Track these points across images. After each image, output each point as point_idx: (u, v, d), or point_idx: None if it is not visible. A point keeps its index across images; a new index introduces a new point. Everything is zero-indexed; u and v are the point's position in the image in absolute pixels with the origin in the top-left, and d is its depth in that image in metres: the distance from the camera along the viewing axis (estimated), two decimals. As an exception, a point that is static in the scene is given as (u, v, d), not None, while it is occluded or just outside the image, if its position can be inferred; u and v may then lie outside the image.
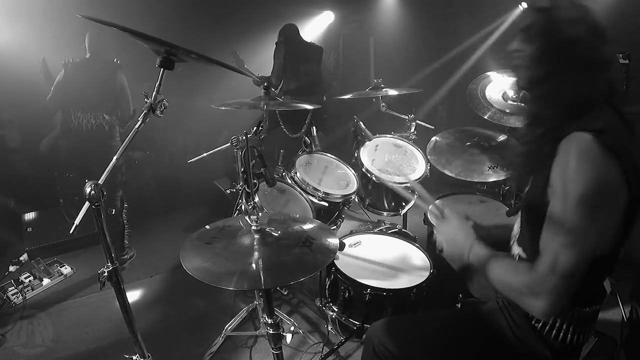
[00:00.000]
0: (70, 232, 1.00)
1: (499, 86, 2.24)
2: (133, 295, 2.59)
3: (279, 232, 1.28)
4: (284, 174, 2.26)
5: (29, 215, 3.21)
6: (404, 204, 2.43)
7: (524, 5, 4.08)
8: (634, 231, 0.99)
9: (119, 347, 2.08)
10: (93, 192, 0.96)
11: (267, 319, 1.21)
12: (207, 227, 1.37)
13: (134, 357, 1.20)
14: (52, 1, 3.18)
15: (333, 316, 1.78)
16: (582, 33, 0.95)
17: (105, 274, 1.06)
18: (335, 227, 2.33)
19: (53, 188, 3.34)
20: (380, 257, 1.83)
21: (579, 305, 1.04)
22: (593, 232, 0.89)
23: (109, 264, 1.07)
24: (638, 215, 0.96)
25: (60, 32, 3.06)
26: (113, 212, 2.93)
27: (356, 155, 2.42)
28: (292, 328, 2.08)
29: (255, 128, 1.64)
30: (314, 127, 2.41)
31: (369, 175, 2.31)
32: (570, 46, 0.95)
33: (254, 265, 1.11)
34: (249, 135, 1.50)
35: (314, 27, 5.48)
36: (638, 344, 1.72)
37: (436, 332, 1.21)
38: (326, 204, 2.17)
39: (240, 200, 1.82)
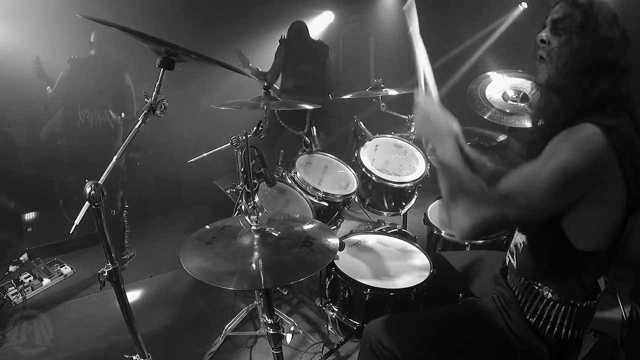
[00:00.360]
0: (70, 232, 1.00)
1: (499, 86, 2.24)
2: (133, 295, 2.59)
3: (279, 232, 1.28)
4: (284, 174, 2.26)
5: (29, 215, 3.21)
6: (404, 204, 2.43)
7: (524, 5, 4.09)
8: (633, 231, 0.99)
9: (119, 347, 2.09)
10: (93, 192, 0.97)
11: (267, 319, 1.21)
12: (207, 227, 1.37)
13: (134, 357, 1.20)
14: (50, 1, 3.18)
15: (333, 316, 1.77)
16: (617, 34, 0.97)
17: (105, 274, 1.06)
18: (335, 227, 2.33)
19: (53, 188, 3.34)
20: (380, 257, 1.83)
21: (572, 299, 1.05)
22: (552, 201, 0.93)
23: (109, 264, 1.07)
24: (635, 216, 0.97)
25: (60, 30, 3.05)
26: (114, 214, 2.92)
27: (356, 155, 2.42)
28: (292, 328, 2.08)
29: (255, 128, 1.64)
30: (314, 127, 2.41)
31: (369, 175, 2.31)
32: (606, 45, 0.96)
33: (254, 265, 1.11)
34: (249, 135, 1.50)
35: (314, 27, 5.48)
36: (638, 344, 1.72)
37: (433, 329, 1.21)
38: (326, 204, 2.17)
39: (240, 200, 1.82)
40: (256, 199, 1.84)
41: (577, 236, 0.98)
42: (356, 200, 2.41)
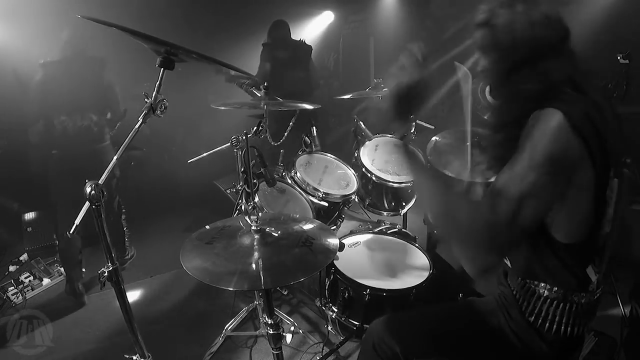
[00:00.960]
0: (71, 232, 1.00)
1: (499, 86, 2.24)
2: (133, 295, 2.59)
3: (279, 232, 1.28)
4: (284, 174, 2.26)
5: (29, 215, 3.20)
6: (404, 204, 2.43)
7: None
8: (633, 231, 1.00)
9: (119, 347, 2.08)
10: (93, 192, 0.97)
11: (267, 319, 1.22)
12: (207, 227, 1.37)
13: (134, 357, 1.20)
14: (45, 0, 3.15)
15: (333, 316, 1.78)
16: (522, 30, 0.99)
17: (106, 274, 1.06)
18: (335, 227, 2.33)
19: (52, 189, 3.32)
20: (380, 257, 1.84)
21: (568, 291, 1.06)
22: (551, 191, 0.92)
23: (109, 264, 1.07)
24: (607, 202, 0.99)
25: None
26: (111, 219, 2.86)
27: (356, 155, 2.42)
28: (292, 328, 2.09)
29: (255, 128, 1.64)
30: (314, 127, 2.40)
31: (369, 175, 2.31)
32: (514, 47, 1.00)
33: (254, 265, 1.11)
34: (249, 135, 1.51)
35: (314, 27, 5.48)
36: (638, 344, 1.73)
37: (435, 327, 1.22)
38: (326, 204, 2.17)
39: (240, 200, 1.83)
40: (256, 199, 1.84)
41: (556, 228, 0.99)
42: (356, 200, 2.41)
